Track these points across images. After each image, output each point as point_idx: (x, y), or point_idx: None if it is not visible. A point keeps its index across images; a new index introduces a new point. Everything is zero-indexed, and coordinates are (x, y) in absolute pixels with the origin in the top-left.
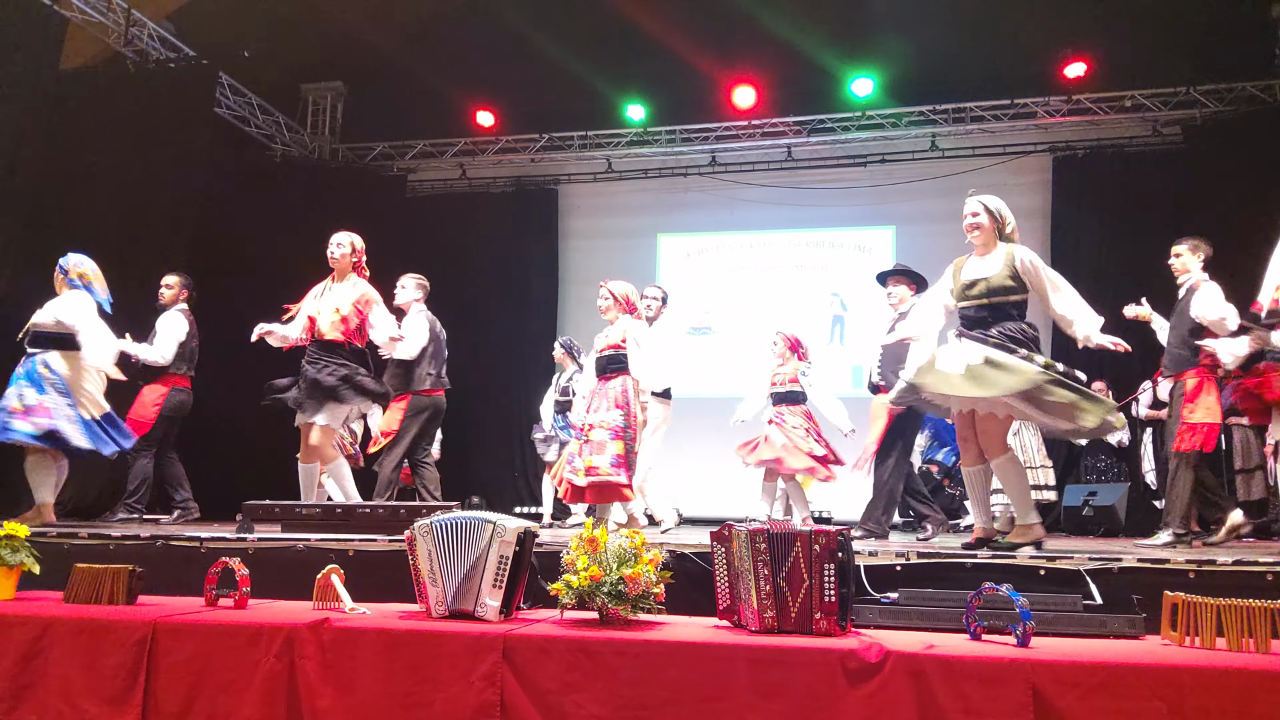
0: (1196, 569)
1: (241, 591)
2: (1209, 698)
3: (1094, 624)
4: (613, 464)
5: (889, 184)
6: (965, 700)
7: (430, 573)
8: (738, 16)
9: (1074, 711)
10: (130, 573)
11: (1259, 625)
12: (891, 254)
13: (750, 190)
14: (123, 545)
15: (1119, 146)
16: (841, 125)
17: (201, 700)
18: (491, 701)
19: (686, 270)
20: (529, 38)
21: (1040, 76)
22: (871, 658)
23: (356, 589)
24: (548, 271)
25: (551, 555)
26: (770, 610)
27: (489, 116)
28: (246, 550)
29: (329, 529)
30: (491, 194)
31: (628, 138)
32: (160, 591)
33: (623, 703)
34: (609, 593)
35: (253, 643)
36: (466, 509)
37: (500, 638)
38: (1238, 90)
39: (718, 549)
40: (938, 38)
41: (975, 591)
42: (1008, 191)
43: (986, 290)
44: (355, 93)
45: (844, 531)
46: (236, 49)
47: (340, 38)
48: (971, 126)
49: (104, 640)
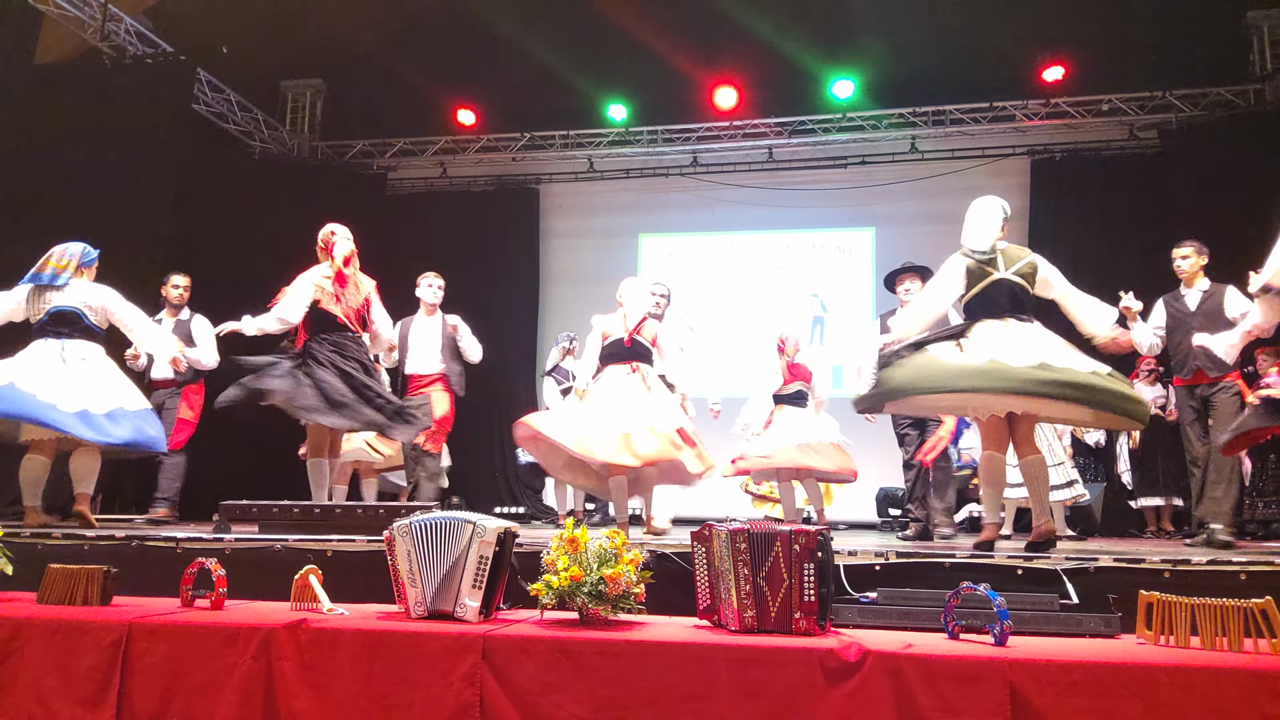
0: (1171, 568)
1: (218, 592)
2: (1183, 696)
3: (1070, 623)
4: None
5: (869, 185)
6: (943, 699)
7: (409, 573)
8: (719, 17)
9: (1050, 710)
10: (105, 573)
11: (1232, 624)
12: (871, 255)
13: (731, 191)
14: (97, 546)
15: (1096, 150)
16: (822, 127)
17: (177, 702)
18: (471, 702)
19: (668, 270)
20: (510, 37)
21: (1018, 80)
22: (850, 657)
23: (335, 590)
24: (528, 271)
25: (532, 555)
26: (750, 610)
27: (470, 115)
28: (223, 551)
29: (307, 529)
30: (472, 193)
31: (609, 137)
32: (136, 592)
33: (603, 703)
34: (589, 593)
35: (229, 644)
36: (446, 509)
37: (480, 638)
38: (1212, 95)
39: (698, 549)
40: (918, 41)
41: (953, 591)
42: (986, 194)
43: None
44: (335, 90)
45: (824, 531)
46: (215, 45)
47: (320, 35)
48: (951, 129)
49: (78, 641)
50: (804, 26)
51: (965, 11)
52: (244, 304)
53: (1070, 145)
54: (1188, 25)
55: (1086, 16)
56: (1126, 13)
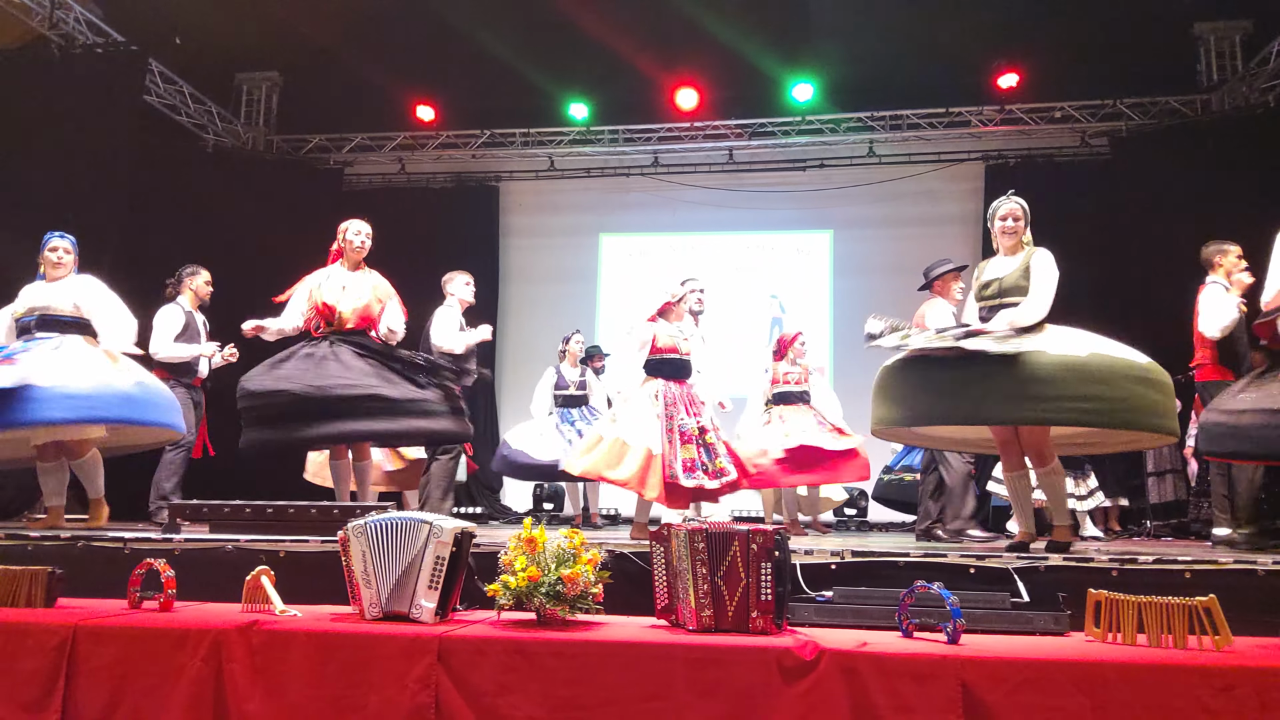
0: (1119, 567)
1: (167, 594)
2: (1130, 692)
3: (1021, 621)
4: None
5: (828, 188)
6: (897, 697)
7: (364, 574)
8: (681, 19)
9: (1001, 706)
10: (49, 574)
11: (1177, 622)
12: (830, 257)
13: (692, 191)
14: (42, 546)
15: (1049, 156)
16: (782, 129)
17: (124, 706)
18: (426, 704)
19: (628, 270)
20: (471, 32)
21: (974, 86)
22: (806, 655)
23: (288, 591)
24: (488, 270)
25: (489, 556)
26: (708, 609)
27: (429, 111)
28: (172, 551)
29: (259, 529)
30: (431, 190)
31: (570, 136)
32: (82, 594)
33: (559, 703)
34: (547, 593)
35: (178, 646)
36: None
37: (435, 639)
38: (1161, 104)
39: (656, 548)
40: (877, 46)
41: (908, 589)
42: (941, 198)
43: (998, 290)
44: (291, 83)
45: (781, 530)
46: (168, 35)
47: (276, 26)
48: (908, 134)
49: (21, 645)
50: (764, 29)
51: (923, 18)
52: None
53: (1024, 151)
54: (1138, 36)
55: (1040, 25)
56: (1079, 23)
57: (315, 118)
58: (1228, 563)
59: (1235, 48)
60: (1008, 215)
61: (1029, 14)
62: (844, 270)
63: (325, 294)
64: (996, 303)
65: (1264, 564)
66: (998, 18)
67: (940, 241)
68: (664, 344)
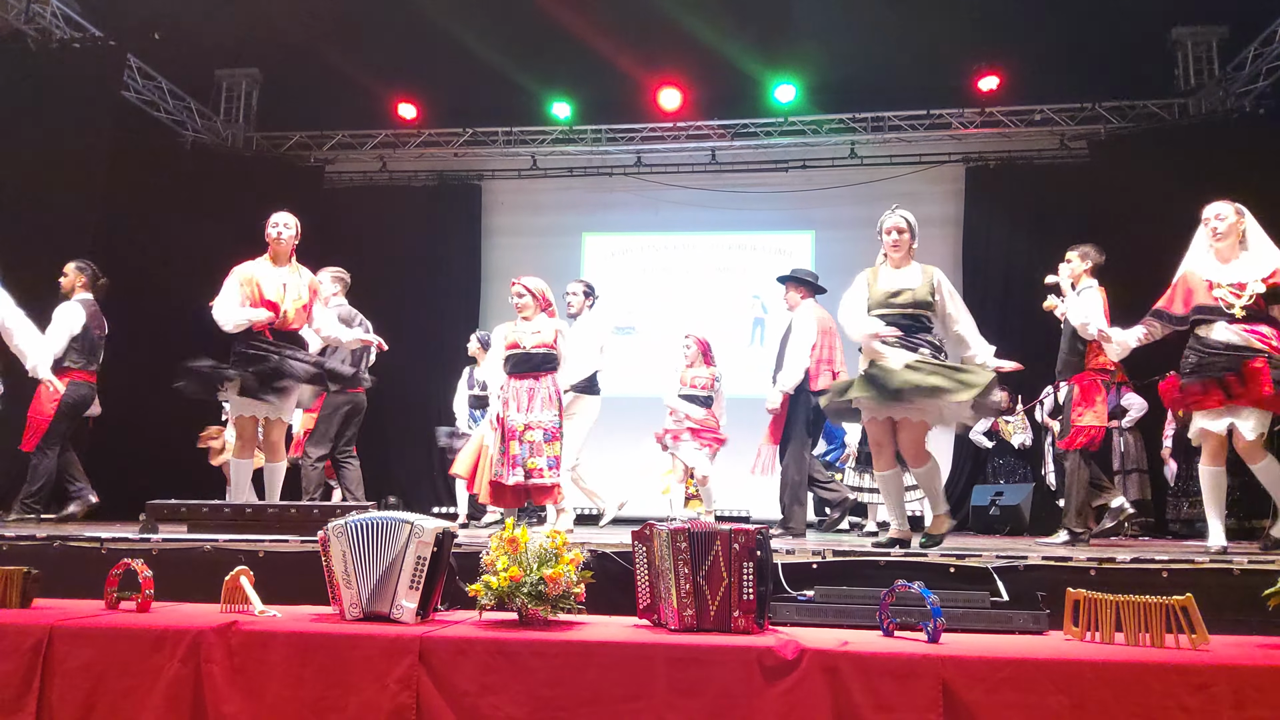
0: (1097, 567)
1: (145, 594)
2: (1108, 690)
3: (1001, 620)
4: (550, 465)
5: (809, 189)
6: (878, 696)
7: (344, 574)
8: (664, 19)
9: (981, 705)
10: (25, 574)
11: (1154, 621)
12: (811, 258)
13: (675, 192)
14: (17, 546)
15: (1028, 158)
16: (764, 130)
17: (101, 708)
18: (407, 704)
19: (611, 270)
20: (453, 31)
21: (955, 89)
22: (788, 655)
23: (267, 592)
24: (470, 268)
25: (471, 556)
26: (690, 609)
27: (411, 109)
28: (150, 551)
29: (238, 529)
30: (413, 188)
31: (553, 135)
32: (58, 594)
33: (541, 703)
34: (529, 593)
35: (156, 647)
36: (383, 509)
37: (416, 640)
38: (1140, 108)
39: (639, 548)
40: (858, 48)
41: (888, 589)
42: (922, 200)
43: (912, 300)
44: (272, 80)
45: (763, 530)
46: (147, 30)
47: (257, 22)
48: (889, 135)
49: None
50: (747, 30)
51: (904, 20)
52: (172, 296)
53: (1004, 153)
54: (1116, 40)
55: (1020, 29)
56: (1058, 26)
57: (296, 115)
58: (1204, 562)
59: (1212, 52)
60: (892, 229)
61: (1009, 17)
62: (825, 271)
63: (268, 292)
64: (911, 311)
65: (1240, 564)
66: (978, 20)
67: (921, 243)
68: (509, 340)
